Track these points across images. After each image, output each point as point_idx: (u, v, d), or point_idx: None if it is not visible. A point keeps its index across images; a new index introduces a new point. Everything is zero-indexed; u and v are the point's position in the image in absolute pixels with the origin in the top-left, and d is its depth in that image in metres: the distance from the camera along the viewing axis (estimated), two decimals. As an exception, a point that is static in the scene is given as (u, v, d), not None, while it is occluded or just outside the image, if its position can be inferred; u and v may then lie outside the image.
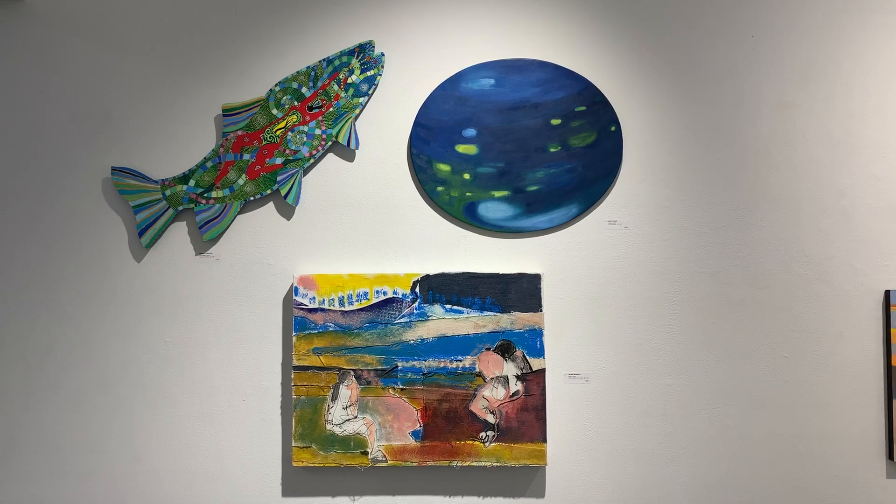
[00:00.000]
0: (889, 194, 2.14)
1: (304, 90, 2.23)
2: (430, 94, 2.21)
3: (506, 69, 2.21)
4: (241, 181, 2.23)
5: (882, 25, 2.17)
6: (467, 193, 2.20)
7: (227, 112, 2.23)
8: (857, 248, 2.14)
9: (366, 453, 2.13)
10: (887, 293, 2.12)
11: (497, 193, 2.20)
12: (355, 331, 2.15)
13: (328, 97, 2.23)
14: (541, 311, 2.14)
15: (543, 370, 2.13)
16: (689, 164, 2.18)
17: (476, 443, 2.12)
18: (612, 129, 2.20)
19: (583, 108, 2.20)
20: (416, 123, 2.21)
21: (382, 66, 2.23)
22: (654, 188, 2.19)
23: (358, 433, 2.13)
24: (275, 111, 2.23)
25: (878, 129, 2.16)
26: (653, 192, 2.19)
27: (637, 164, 2.20)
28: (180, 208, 2.23)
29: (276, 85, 2.24)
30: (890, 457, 2.11)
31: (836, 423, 2.13)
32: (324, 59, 2.24)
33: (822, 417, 2.13)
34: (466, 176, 2.20)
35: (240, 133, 2.23)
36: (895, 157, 2.15)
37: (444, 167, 2.20)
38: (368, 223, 2.22)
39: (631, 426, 2.15)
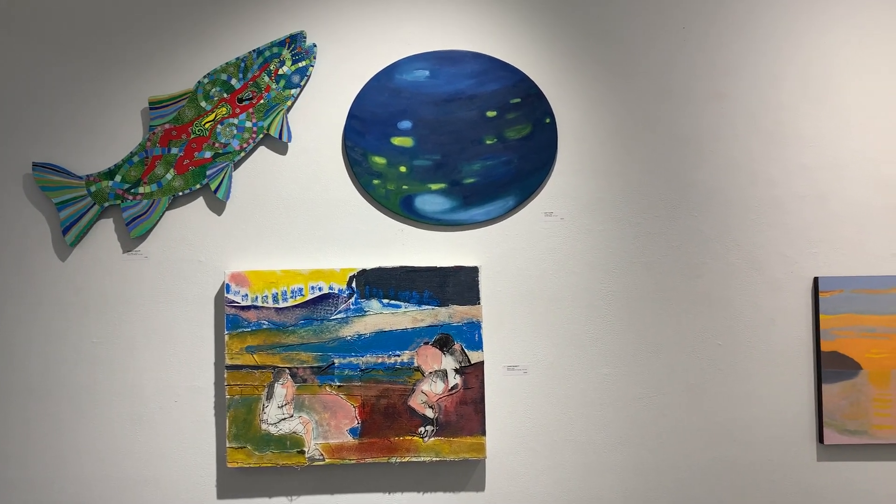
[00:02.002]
0: (817, 184, 2.19)
1: (233, 82, 2.17)
2: (365, 86, 2.18)
3: (440, 61, 2.19)
4: (169, 176, 2.16)
5: (807, 19, 2.21)
6: (404, 186, 2.17)
7: (154, 105, 2.16)
8: (787, 236, 2.18)
9: (303, 452, 2.09)
10: (816, 280, 2.16)
11: (434, 186, 2.18)
12: (290, 328, 2.11)
13: (259, 89, 2.17)
14: (479, 303, 2.13)
15: (482, 363, 2.12)
16: (623, 155, 2.20)
17: (415, 438, 2.10)
18: (547, 121, 2.19)
19: (518, 100, 2.19)
20: (351, 115, 2.17)
21: (314, 58, 2.18)
22: (590, 180, 2.19)
23: (294, 432, 2.09)
24: (203, 104, 2.17)
25: (805, 120, 2.20)
26: (588, 184, 2.19)
27: (572, 156, 2.20)
28: (106, 204, 2.16)
29: (204, 77, 2.17)
30: (820, 440, 2.16)
31: (768, 407, 2.16)
32: (254, 50, 2.18)
33: (755, 403, 2.16)
34: (403, 169, 2.17)
35: (167, 126, 2.16)
36: (823, 147, 2.19)
37: (380, 160, 2.17)
38: (302, 218, 2.17)
39: (569, 416, 2.16)
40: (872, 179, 2.19)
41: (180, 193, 2.16)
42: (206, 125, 2.16)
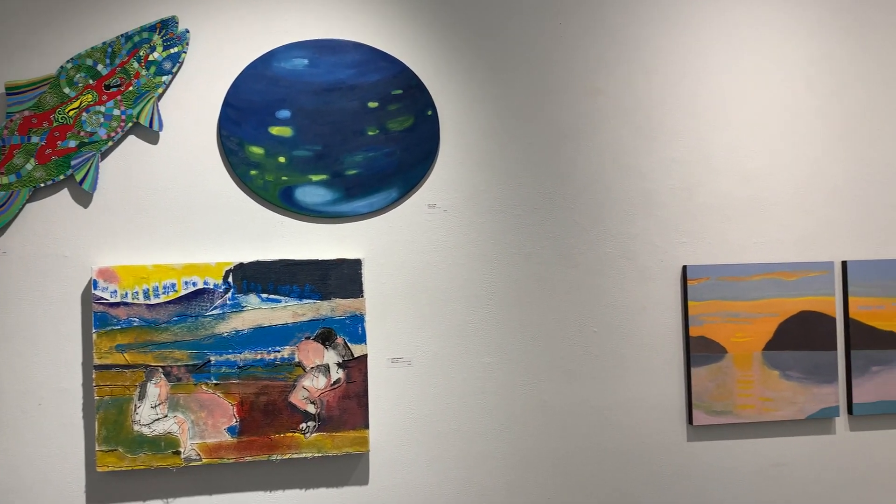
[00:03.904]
0: (685, 176, 2.29)
1: (100, 67, 2.06)
2: (241, 74, 2.11)
3: (319, 49, 2.15)
4: (29, 166, 2.03)
5: (679, 17, 2.31)
6: (283, 177, 2.13)
7: (11, 91, 2.02)
8: (657, 226, 2.27)
9: (178, 453, 2.02)
10: (685, 268, 2.27)
11: (315, 177, 2.14)
12: (163, 325, 2.03)
13: (127, 75, 2.07)
14: (362, 296, 2.11)
15: (365, 356, 2.11)
16: (503, 148, 2.23)
17: (296, 434, 2.07)
18: (429, 113, 2.19)
19: (399, 91, 2.18)
20: (226, 104, 2.11)
21: (187, 44, 2.10)
22: (472, 172, 2.21)
23: (169, 433, 2.02)
24: (67, 90, 2.05)
25: (674, 115, 2.29)
26: (470, 176, 2.21)
27: (454, 149, 2.21)
28: (-43, 197, 2.01)
29: (67, 62, 2.05)
30: (690, 421, 2.26)
31: (641, 391, 2.25)
32: (122, 35, 2.08)
33: (629, 387, 2.25)
34: (282, 159, 2.12)
35: (27, 114, 2.03)
36: (690, 141, 2.29)
37: (258, 150, 2.11)
38: (175, 210, 2.09)
39: (452, 406, 2.18)
40: (737, 173, 2.31)
41: (42, 185, 2.03)
42: (71, 113, 2.05)
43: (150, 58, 2.08)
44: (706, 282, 2.26)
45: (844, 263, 2.33)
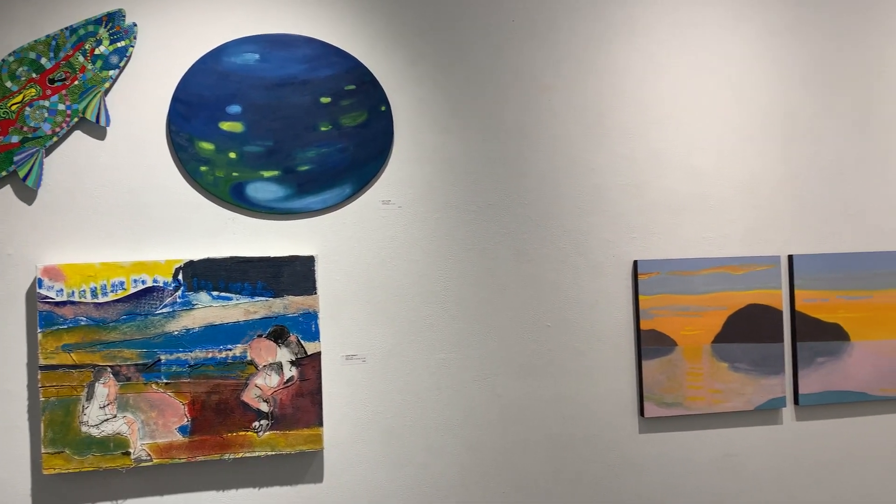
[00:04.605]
0: (634, 173, 2.32)
1: (43, 61, 2.02)
2: (190, 68, 2.08)
3: (271, 44, 2.13)
4: (-31, 162, 1.97)
5: (629, 15, 2.34)
6: (234, 173, 2.10)
7: (-50, 83, 1.97)
8: (609, 222, 2.30)
9: (128, 454, 1.99)
10: (635, 263, 2.30)
11: (266, 173, 2.12)
12: (111, 324, 1.99)
13: (73, 69, 2.03)
14: (315, 293, 2.10)
15: (319, 353, 2.10)
16: (457, 144, 2.23)
17: (249, 433, 2.05)
18: (383, 108, 2.19)
19: (352, 86, 2.17)
20: (175, 99, 2.07)
21: (135, 38, 2.06)
22: (426, 168, 2.22)
23: (118, 433, 1.98)
24: (9, 84, 2.00)
25: (622, 112, 2.32)
26: (424, 172, 2.22)
27: (408, 145, 2.21)
28: None
29: (9, 55, 2.00)
30: (641, 413, 2.30)
31: (593, 384, 2.28)
32: (66, 28, 2.03)
33: (582, 380, 2.28)
34: (232, 155, 2.10)
35: (-33, 108, 1.98)
36: (638, 138, 2.33)
37: (208, 146, 2.09)
38: (124, 207, 2.05)
39: (407, 403, 2.18)
40: (685, 169, 2.35)
41: (-17, 181, 1.98)
42: (13, 107, 2.00)
43: (97, 52, 2.04)
44: (656, 276, 2.30)
45: (790, 257, 2.39)
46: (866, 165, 2.46)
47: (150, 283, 2.01)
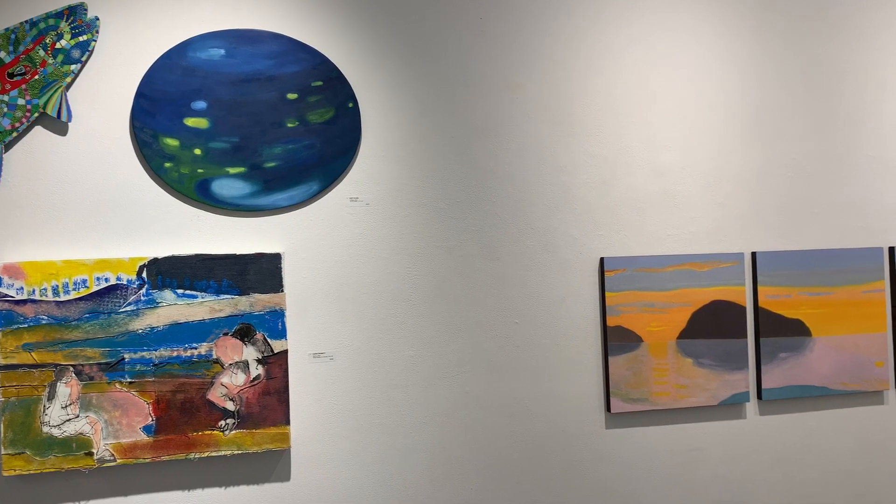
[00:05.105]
0: (601, 170, 2.34)
1: (2, 55, 1.98)
2: (154, 63, 2.05)
3: (236, 40, 2.11)
4: (-75, 157, 1.93)
5: (595, 14, 2.35)
6: (199, 170, 2.08)
7: None
8: (576, 219, 2.32)
9: (91, 454, 1.96)
10: (602, 260, 2.32)
11: (232, 170, 2.10)
12: (73, 322, 1.96)
13: (33, 63, 1.99)
14: (282, 291, 2.09)
15: (286, 352, 2.09)
16: (425, 141, 2.23)
17: (215, 432, 2.03)
18: (350, 105, 2.18)
19: (319, 83, 2.16)
20: (139, 94, 2.05)
21: (97, 32, 2.03)
22: (393, 165, 2.21)
23: (81, 433, 1.96)
24: (-34, 77, 1.95)
25: (590, 110, 2.34)
26: (392, 170, 2.21)
27: (376, 142, 2.20)
28: None
29: (-33, 47, 1.96)
30: (608, 409, 2.32)
31: (561, 380, 2.30)
32: (26, 21, 1.99)
33: (549, 376, 2.29)
34: (197, 151, 2.08)
35: (-78, 102, 1.93)
36: (605, 136, 2.34)
37: (172, 142, 2.06)
38: (86, 204, 2.02)
39: (375, 400, 2.18)
40: (650, 167, 2.37)
41: (-61, 177, 1.94)
42: (-29, 102, 1.96)
43: (58, 45, 2.00)
44: (622, 273, 2.32)
45: (754, 254, 2.43)
46: (827, 164, 2.51)
47: (113, 281, 1.98)
